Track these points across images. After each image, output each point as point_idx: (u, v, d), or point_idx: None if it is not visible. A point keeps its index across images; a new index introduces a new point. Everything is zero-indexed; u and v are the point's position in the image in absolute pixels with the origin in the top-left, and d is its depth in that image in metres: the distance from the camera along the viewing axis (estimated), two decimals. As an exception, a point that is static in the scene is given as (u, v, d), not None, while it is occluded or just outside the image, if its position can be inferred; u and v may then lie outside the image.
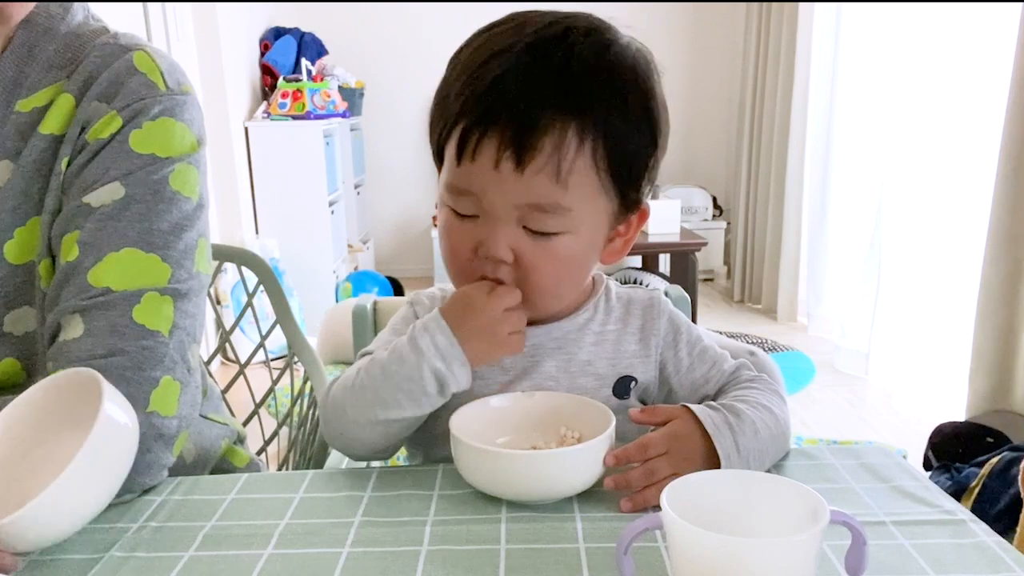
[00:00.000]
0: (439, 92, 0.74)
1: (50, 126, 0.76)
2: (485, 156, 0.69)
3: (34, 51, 0.78)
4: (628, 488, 0.68)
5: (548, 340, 0.82)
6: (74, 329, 0.72)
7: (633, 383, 0.82)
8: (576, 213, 0.71)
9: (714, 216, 4.87)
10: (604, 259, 0.80)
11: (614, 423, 0.69)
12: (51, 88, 0.77)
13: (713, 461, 0.68)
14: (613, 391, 0.81)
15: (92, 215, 0.74)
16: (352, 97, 4.40)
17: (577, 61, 0.69)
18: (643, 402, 0.84)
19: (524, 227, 0.72)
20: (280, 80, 3.92)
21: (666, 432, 0.70)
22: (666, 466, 0.67)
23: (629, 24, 0.75)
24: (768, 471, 0.72)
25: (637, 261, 4.37)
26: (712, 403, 0.73)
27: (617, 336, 0.83)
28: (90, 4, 0.85)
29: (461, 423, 0.70)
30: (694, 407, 0.71)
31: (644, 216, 0.80)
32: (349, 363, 0.91)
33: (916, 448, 2.32)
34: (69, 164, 0.76)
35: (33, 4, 0.78)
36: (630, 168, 0.73)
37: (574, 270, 0.77)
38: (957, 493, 1.93)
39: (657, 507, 0.64)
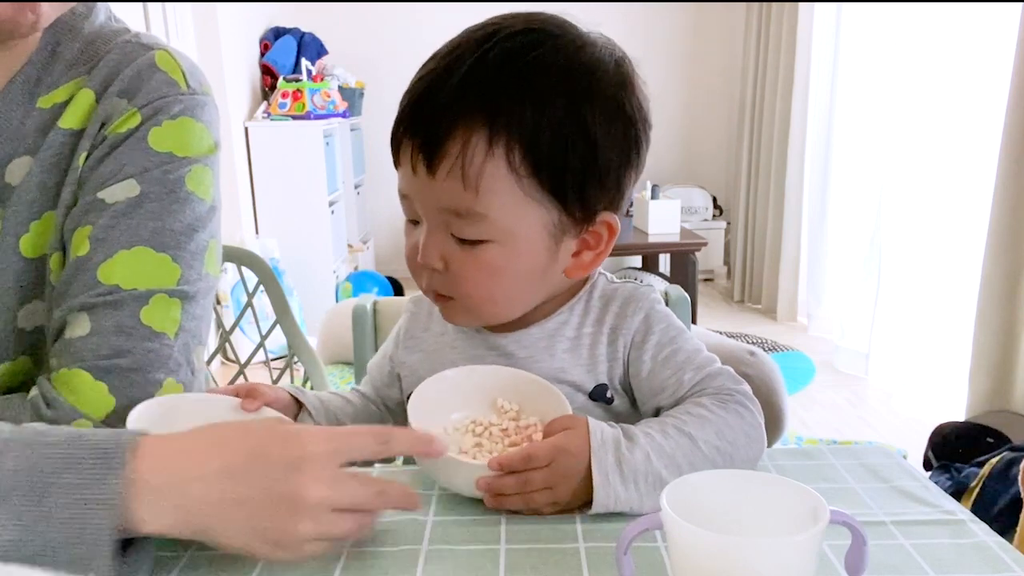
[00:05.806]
0: None
1: (69, 121, 0.76)
2: (406, 161, 0.71)
3: (58, 50, 0.78)
4: (500, 493, 0.65)
5: (518, 348, 0.79)
6: (80, 327, 0.72)
7: (608, 391, 0.78)
8: (496, 221, 0.69)
9: (714, 216, 4.87)
10: (570, 272, 0.76)
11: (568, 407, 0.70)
12: (71, 84, 0.77)
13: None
14: (590, 396, 0.78)
15: (106, 211, 0.74)
16: (352, 97, 4.39)
17: (489, 63, 0.67)
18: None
19: (452, 234, 0.71)
20: (280, 80, 3.92)
21: (553, 444, 0.65)
22: (540, 480, 0.64)
23: (599, 22, 0.72)
24: (768, 471, 0.72)
25: (637, 261, 4.37)
26: (615, 424, 0.68)
27: (593, 340, 0.78)
28: (110, 5, 0.85)
29: (417, 401, 0.71)
30: (592, 420, 0.67)
31: (612, 230, 0.75)
32: (349, 363, 0.91)
33: (916, 448, 2.32)
34: (87, 159, 0.76)
35: (64, 6, 0.79)
36: (563, 177, 0.69)
37: (509, 281, 0.73)
38: (957, 493, 1.93)
39: (512, 512, 0.65)
